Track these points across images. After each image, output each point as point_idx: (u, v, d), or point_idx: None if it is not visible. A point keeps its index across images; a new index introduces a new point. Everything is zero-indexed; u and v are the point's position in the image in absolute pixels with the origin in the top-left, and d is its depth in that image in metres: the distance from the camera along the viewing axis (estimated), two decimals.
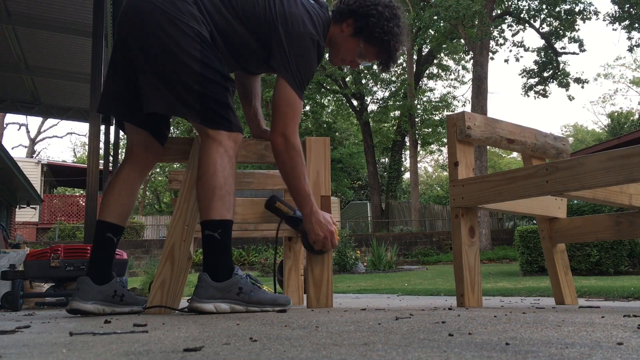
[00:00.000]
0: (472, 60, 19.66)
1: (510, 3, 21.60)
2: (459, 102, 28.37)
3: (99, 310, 1.96)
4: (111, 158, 6.93)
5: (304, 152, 2.37)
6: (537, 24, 21.87)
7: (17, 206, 15.06)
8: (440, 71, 28.29)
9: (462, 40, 20.70)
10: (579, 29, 22.30)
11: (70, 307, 1.95)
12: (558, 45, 22.29)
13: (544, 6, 21.05)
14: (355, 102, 26.55)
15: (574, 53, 22.68)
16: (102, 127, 6.05)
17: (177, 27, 1.83)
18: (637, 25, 20.29)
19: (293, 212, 2.08)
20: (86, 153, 10.06)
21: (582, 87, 22.16)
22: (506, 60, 23.35)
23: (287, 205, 2.11)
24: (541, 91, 22.82)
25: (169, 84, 1.84)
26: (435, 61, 27.30)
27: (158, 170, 33.22)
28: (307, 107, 27.99)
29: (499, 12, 21.23)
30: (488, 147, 15.27)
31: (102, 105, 2.05)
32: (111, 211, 2.03)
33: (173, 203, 2.24)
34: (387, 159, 30.57)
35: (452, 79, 28.87)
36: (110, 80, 2.01)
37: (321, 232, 1.99)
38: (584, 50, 21.16)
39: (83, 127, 44.46)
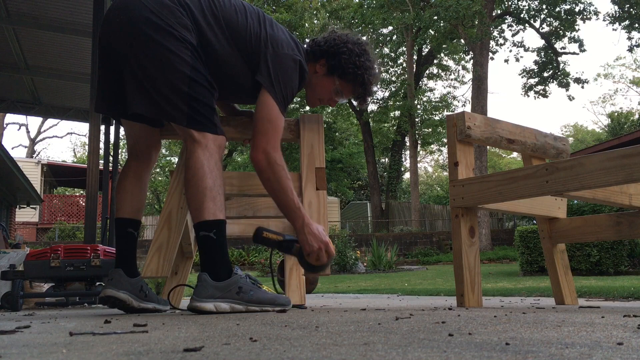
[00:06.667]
0: (472, 60, 19.67)
1: (510, 3, 21.60)
2: (459, 102, 28.36)
3: (130, 300, 2.01)
4: (111, 158, 6.93)
5: (298, 129, 2.41)
6: (537, 24, 21.87)
7: (17, 206, 15.06)
8: (440, 71, 28.28)
9: (462, 40, 20.70)
10: (579, 29, 22.30)
11: (104, 294, 2.00)
12: (558, 45, 22.30)
13: (544, 6, 21.04)
14: (355, 102, 26.52)
15: (574, 53, 22.67)
16: (102, 127, 6.06)
17: (168, 31, 1.85)
18: (637, 25, 20.29)
19: (282, 237, 1.96)
20: (86, 153, 10.06)
21: (582, 87, 22.17)
22: (506, 60, 23.37)
23: (274, 232, 1.98)
24: (541, 91, 22.82)
25: (156, 86, 1.86)
26: (435, 61, 27.28)
27: (158, 170, 33.23)
28: (307, 107, 27.99)
29: (499, 12, 21.22)
30: (488, 147, 15.26)
31: (98, 105, 2.10)
32: (127, 207, 2.12)
33: None
34: (387, 159, 30.56)
35: (452, 79, 28.87)
36: (102, 79, 2.04)
37: (315, 244, 1.89)
38: (584, 50, 21.16)
39: (83, 127, 44.45)
